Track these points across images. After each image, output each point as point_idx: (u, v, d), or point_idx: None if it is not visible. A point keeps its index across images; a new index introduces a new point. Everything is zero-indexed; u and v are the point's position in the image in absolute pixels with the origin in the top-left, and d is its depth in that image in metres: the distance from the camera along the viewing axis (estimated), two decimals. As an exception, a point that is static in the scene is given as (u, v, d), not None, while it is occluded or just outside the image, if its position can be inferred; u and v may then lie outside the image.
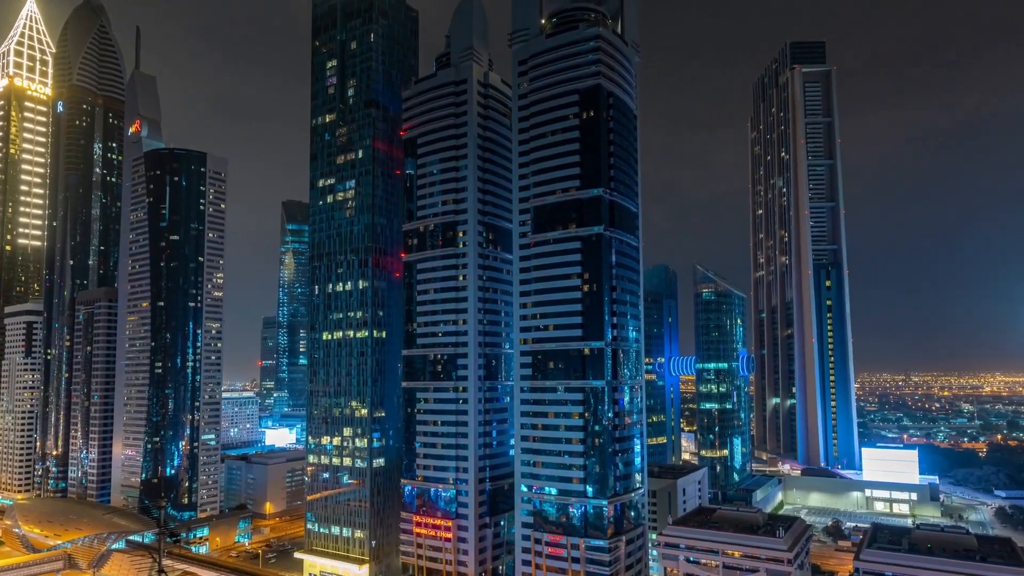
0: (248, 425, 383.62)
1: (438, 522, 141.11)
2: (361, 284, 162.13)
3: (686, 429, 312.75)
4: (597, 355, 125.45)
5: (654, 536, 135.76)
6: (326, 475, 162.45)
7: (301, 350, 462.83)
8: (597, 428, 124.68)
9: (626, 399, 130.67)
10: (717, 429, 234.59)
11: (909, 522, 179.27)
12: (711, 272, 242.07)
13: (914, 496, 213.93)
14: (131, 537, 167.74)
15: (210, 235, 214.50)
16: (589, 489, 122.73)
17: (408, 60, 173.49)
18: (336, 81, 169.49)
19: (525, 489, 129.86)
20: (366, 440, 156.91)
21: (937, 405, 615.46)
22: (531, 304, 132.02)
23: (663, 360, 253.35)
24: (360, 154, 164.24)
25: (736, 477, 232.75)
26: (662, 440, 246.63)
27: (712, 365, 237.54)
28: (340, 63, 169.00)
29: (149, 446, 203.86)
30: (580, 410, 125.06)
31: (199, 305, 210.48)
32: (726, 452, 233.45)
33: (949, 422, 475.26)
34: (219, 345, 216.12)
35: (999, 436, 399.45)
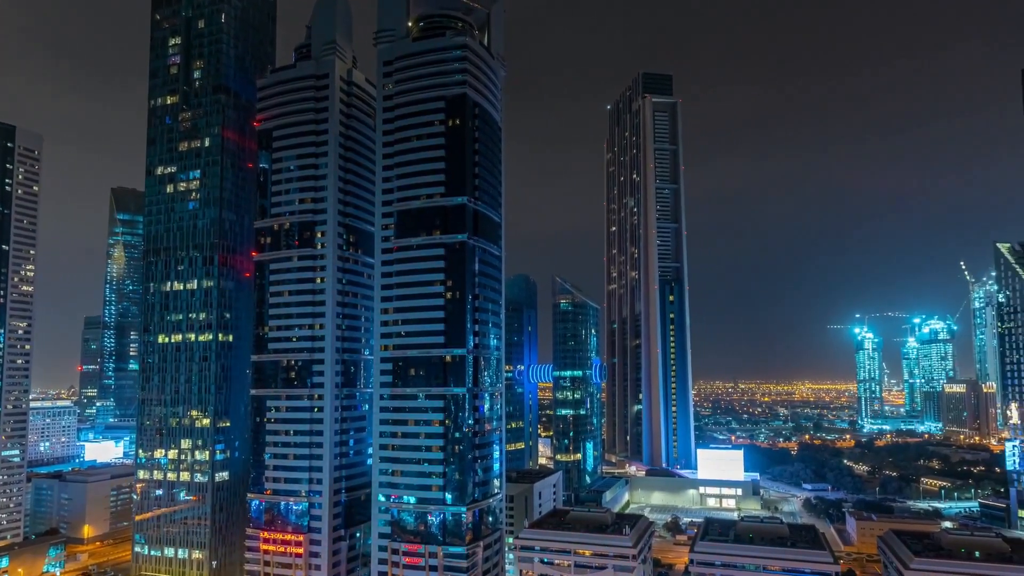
0: (64, 439, 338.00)
1: (288, 537, 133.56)
2: (205, 283, 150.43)
3: (543, 434, 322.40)
4: (459, 362, 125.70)
5: (511, 540, 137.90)
6: (159, 492, 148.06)
7: (132, 354, 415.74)
8: (457, 435, 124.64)
9: (486, 406, 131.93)
10: (572, 434, 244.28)
11: (735, 515, 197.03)
12: (569, 284, 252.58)
13: (739, 492, 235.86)
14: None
15: (19, 220, 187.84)
16: (448, 496, 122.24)
17: (264, 47, 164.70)
18: (180, 61, 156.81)
19: (383, 499, 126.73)
20: (208, 452, 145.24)
21: (759, 410, 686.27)
22: (393, 310, 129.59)
23: (522, 368, 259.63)
24: (207, 142, 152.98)
25: (588, 479, 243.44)
26: (520, 446, 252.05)
27: (568, 373, 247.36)
28: (185, 42, 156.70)
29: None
30: (441, 417, 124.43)
31: (3, 300, 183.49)
32: (579, 456, 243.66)
33: (769, 424, 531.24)
34: (27, 347, 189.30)
35: (807, 436, 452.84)
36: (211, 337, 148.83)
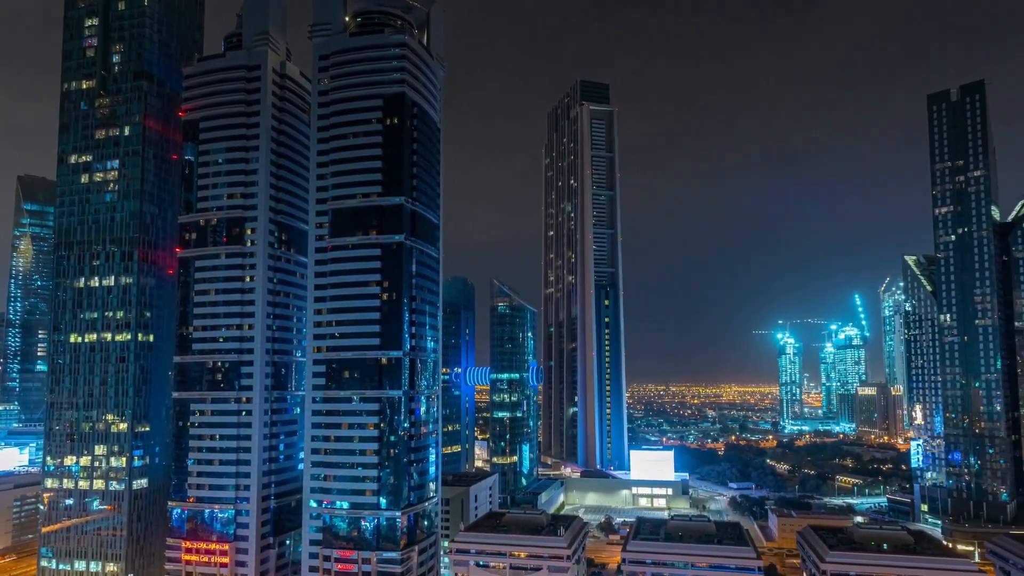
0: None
1: (213, 546, 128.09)
2: (124, 280, 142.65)
3: (479, 437, 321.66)
4: (395, 364, 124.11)
5: (447, 544, 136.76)
6: (70, 501, 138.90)
7: (40, 354, 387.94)
8: (393, 439, 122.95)
9: (423, 409, 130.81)
10: (508, 436, 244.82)
11: (666, 514, 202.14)
12: (507, 287, 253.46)
13: (670, 491, 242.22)
14: None
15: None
16: (383, 501, 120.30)
17: (191, 34, 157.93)
18: (97, 43, 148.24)
19: (314, 504, 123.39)
20: (124, 459, 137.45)
21: (689, 412, 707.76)
22: (327, 311, 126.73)
23: (459, 370, 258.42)
24: (127, 131, 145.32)
25: (524, 482, 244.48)
26: (456, 449, 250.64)
27: (505, 375, 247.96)
28: (103, 23, 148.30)
29: None
30: (376, 420, 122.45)
31: None
32: (516, 458, 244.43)
33: (698, 426, 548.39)
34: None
35: (733, 437, 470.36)
36: (129, 337, 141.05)
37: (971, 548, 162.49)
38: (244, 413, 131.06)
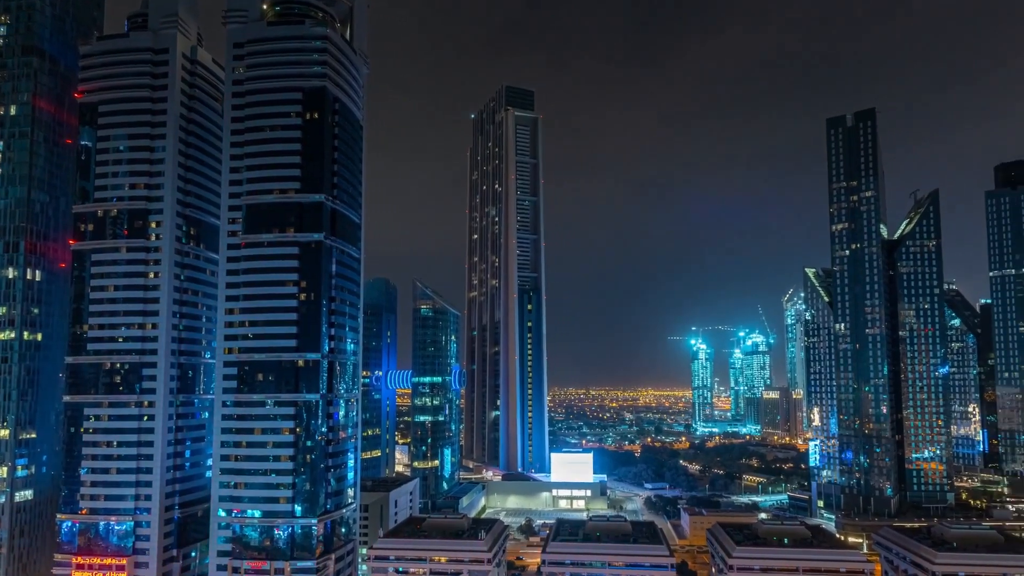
0: None
1: (109, 561, 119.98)
2: (9, 273, 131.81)
3: (400, 441, 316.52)
4: (312, 367, 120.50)
5: (365, 551, 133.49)
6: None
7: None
8: (309, 444, 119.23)
9: (341, 413, 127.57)
10: (430, 440, 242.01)
11: (585, 515, 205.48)
12: (430, 290, 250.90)
13: (589, 493, 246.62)
14: None
15: None
16: (298, 508, 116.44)
17: (89, 10, 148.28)
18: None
19: (223, 514, 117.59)
20: (6, 468, 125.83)
21: (608, 415, 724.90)
22: (239, 310, 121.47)
23: (380, 373, 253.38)
24: (14, 110, 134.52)
25: (446, 486, 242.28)
26: (376, 453, 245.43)
27: (427, 379, 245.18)
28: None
29: None
30: (291, 425, 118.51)
31: None
32: (437, 462, 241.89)
33: (616, 429, 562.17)
34: None
35: (649, 439, 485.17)
36: (13, 335, 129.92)
37: (860, 540, 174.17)
38: (146, 418, 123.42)
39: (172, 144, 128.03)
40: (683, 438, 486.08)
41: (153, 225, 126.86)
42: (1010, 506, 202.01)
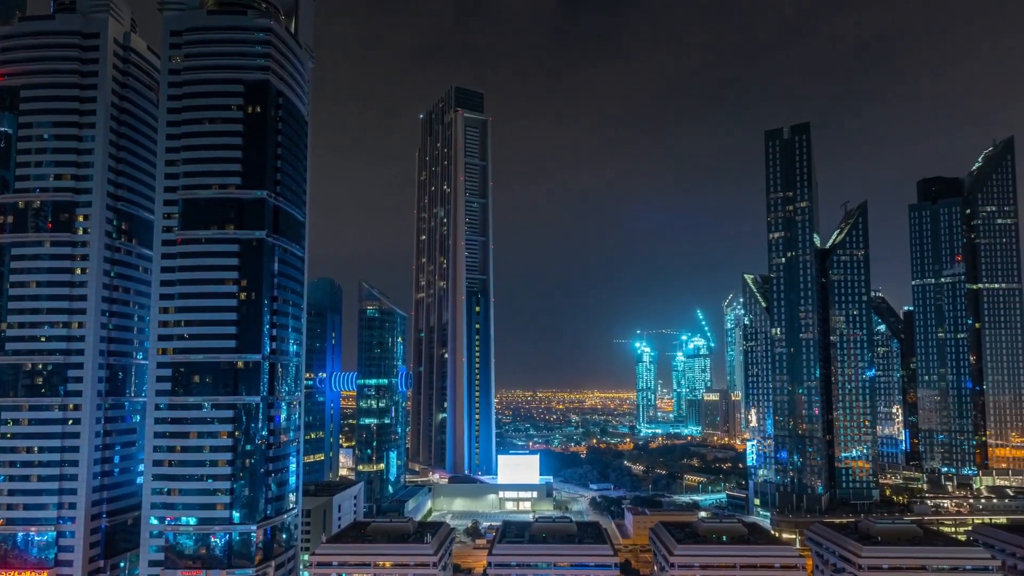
0: None
1: (28, 574, 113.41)
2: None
3: (345, 445, 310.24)
4: (253, 369, 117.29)
5: (307, 557, 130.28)
6: None
7: None
8: (249, 448, 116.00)
9: (283, 416, 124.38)
10: (375, 443, 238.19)
11: (531, 517, 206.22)
12: (376, 290, 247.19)
13: (535, 494, 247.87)
14: None
15: None
16: (236, 515, 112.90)
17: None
18: None
19: (156, 522, 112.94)
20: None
21: (555, 416, 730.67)
22: (175, 309, 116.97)
23: (324, 375, 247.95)
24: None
25: (391, 489, 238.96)
26: (320, 457, 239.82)
27: (373, 381, 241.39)
28: None
29: None
30: (230, 428, 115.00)
31: None
32: (383, 466, 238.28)
33: (562, 430, 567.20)
34: None
35: (595, 440, 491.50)
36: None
37: (794, 536, 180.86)
38: (71, 422, 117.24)
39: (102, 134, 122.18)
40: (628, 439, 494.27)
41: (81, 219, 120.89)
42: (928, 502, 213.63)
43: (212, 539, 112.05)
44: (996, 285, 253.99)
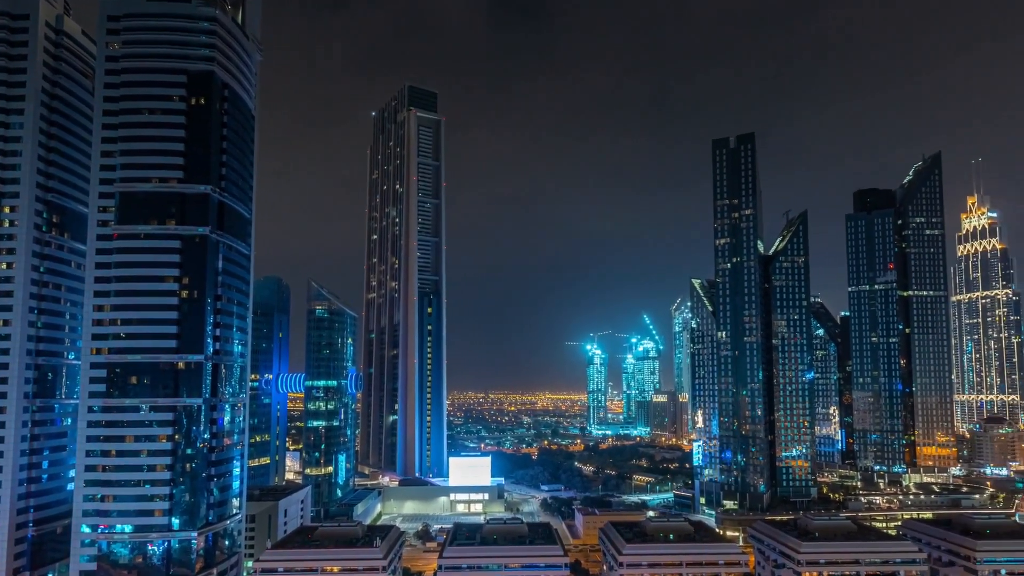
0: None
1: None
2: None
3: (291, 448, 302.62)
4: (195, 370, 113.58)
5: (251, 564, 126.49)
6: None
7: None
8: (190, 451, 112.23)
9: (226, 418, 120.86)
10: (324, 446, 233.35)
11: (482, 519, 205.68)
12: (326, 290, 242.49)
13: (486, 496, 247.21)
14: None
15: None
16: (175, 521, 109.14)
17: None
18: None
19: (88, 529, 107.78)
20: None
21: (507, 418, 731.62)
22: (110, 307, 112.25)
23: (271, 376, 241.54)
24: None
25: (340, 493, 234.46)
26: (265, 461, 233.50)
27: (322, 383, 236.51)
28: None
29: None
30: (169, 432, 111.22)
31: None
32: (331, 469, 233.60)
33: (514, 432, 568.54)
34: None
35: (546, 442, 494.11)
36: None
37: (737, 533, 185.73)
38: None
39: (32, 121, 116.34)
40: (578, 440, 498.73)
41: (7, 210, 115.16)
42: (862, 498, 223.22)
43: (149, 547, 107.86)
44: (924, 292, 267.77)
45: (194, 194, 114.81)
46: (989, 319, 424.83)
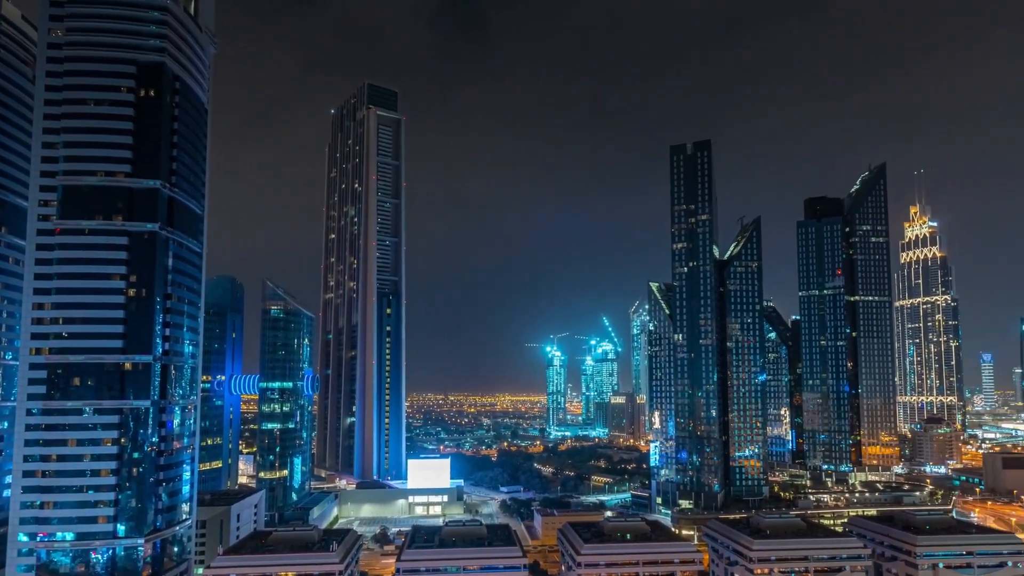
0: None
1: None
2: None
3: (245, 451, 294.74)
4: (142, 371, 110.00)
5: (201, 570, 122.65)
6: None
7: None
8: (136, 456, 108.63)
9: (176, 421, 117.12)
10: (279, 449, 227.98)
11: (441, 521, 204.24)
12: (281, 290, 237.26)
13: (445, 498, 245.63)
14: None
15: None
16: (120, 528, 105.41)
17: None
18: None
19: (26, 538, 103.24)
20: None
21: (466, 420, 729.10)
22: (51, 306, 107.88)
23: (223, 378, 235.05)
24: None
25: (295, 497, 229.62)
26: (217, 464, 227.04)
27: (277, 384, 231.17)
28: None
29: None
30: (115, 435, 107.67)
31: None
32: (286, 472, 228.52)
33: (474, 433, 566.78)
34: None
35: (505, 443, 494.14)
36: None
37: (692, 532, 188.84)
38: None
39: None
40: (538, 442, 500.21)
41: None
42: (811, 497, 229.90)
43: (92, 555, 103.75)
44: (870, 297, 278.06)
45: (143, 189, 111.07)
46: (929, 324, 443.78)
